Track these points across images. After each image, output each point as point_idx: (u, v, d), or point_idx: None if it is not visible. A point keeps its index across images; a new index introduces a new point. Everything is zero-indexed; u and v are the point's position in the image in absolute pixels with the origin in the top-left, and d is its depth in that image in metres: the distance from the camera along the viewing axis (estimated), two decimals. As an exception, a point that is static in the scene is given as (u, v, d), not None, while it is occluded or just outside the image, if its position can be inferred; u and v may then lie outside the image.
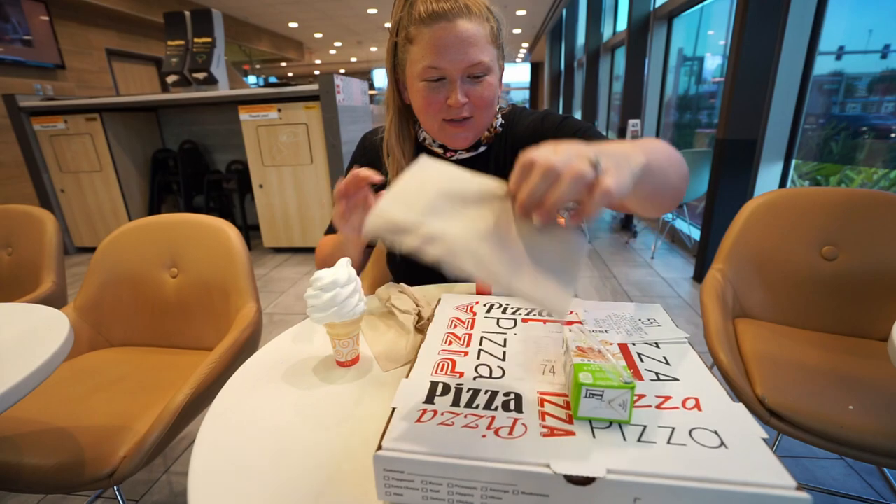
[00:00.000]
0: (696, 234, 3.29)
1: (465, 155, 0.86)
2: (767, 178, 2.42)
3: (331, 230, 0.90)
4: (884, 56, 2.54)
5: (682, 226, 3.51)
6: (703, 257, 2.69)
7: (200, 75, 3.23)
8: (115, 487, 0.88)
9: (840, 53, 2.49)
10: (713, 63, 4.13)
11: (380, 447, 0.37)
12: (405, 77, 0.79)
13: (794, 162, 2.40)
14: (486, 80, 0.75)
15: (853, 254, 1.15)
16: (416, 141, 0.89)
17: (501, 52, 0.79)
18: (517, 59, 16.27)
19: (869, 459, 0.87)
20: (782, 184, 2.44)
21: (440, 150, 0.86)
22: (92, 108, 3.18)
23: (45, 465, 0.83)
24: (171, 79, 3.30)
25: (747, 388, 0.96)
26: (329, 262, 0.83)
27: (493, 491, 0.35)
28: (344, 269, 0.55)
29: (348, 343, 0.57)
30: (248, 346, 1.07)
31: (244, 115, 3.08)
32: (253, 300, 1.17)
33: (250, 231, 3.70)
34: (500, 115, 0.87)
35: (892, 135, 2.34)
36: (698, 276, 2.72)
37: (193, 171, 3.57)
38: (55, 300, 1.41)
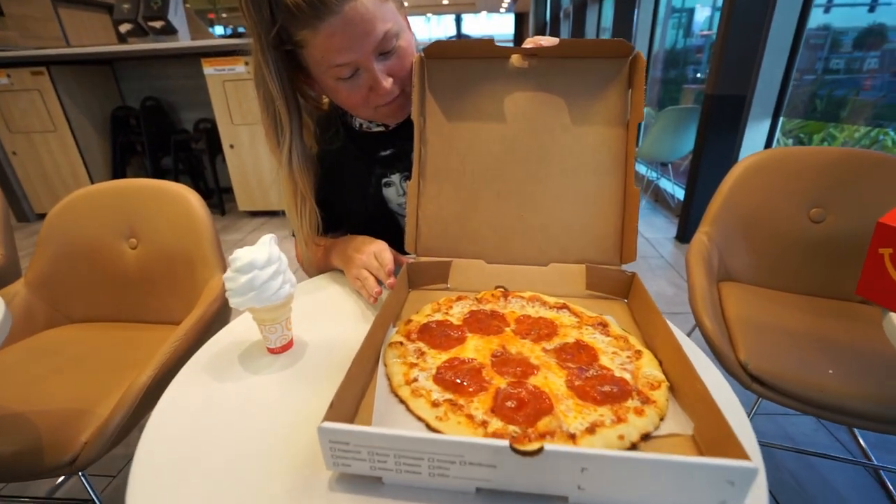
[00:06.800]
0: (679, 193, 3.27)
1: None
2: (754, 137, 2.38)
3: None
4: (871, 9, 2.46)
5: (667, 185, 3.49)
6: (686, 217, 2.68)
7: (157, 24, 2.96)
8: (81, 474, 0.84)
9: (829, 5, 2.40)
10: (702, 15, 3.98)
11: (325, 419, 0.35)
12: (306, 81, 0.71)
13: (781, 120, 2.35)
14: (400, 45, 0.66)
15: (841, 215, 1.13)
16: (353, 129, 0.82)
17: None
18: (501, 10, 15.55)
19: (845, 421, 0.88)
20: (769, 142, 2.41)
21: (382, 129, 0.80)
22: (37, 60, 2.90)
23: (3, 452, 0.78)
24: (123, 28, 3.02)
25: (730, 353, 0.95)
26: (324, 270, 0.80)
27: (440, 462, 0.35)
28: (264, 248, 0.49)
29: (275, 329, 0.52)
30: (217, 319, 1.01)
31: (209, 68, 2.86)
32: (220, 271, 1.10)
33: (224, 194, 3.53)
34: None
35: (874, 92, 2.31)
36: (681, 237, 2.72)
37: (158, 130, 3.34)
38: (6, 274, 1.31)
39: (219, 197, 3.49)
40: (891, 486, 1.12)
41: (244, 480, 0.38)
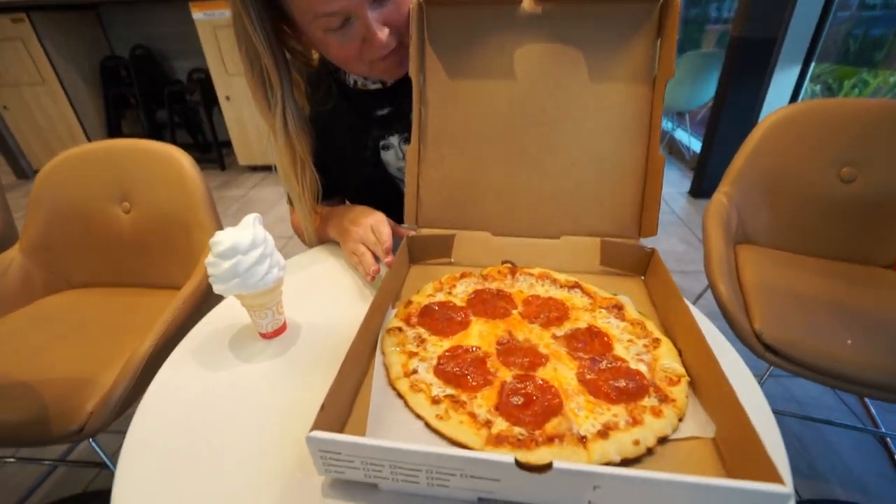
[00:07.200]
0: (695, 145, 3.13)
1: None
2: (781, 84, 2.22)
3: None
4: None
5: (682, 136, 3.33)
6: (701, 170, 2.57)
7: (139, -38, 2.74)
8: (91, 440, 0.86)
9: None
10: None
11: (314, 427, 0.33)
12: (293, 33, 0.63)
13: (812, 65, 2.18)
14: None
15: (874, 175, 1.06)
16: (347, 87, 0.73)
17: None
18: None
19: (860, 391, 0.86)
20: (796, 91, 2.25)
21: (378, 86, 0.71)
22: (16, 5, 2.73)
23: (10, 420, 0.79)
24: (104, -33, 2.80)
25: (745, 321, 0.92)
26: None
27: (439, 474, 0.32)
28: (248, 230, 0.45)
29: (266, 314, 0.49)
30: (216, 286, 0.98)
31: (197, 13, 2.68)
32: (217, 235, 1.06)
33: (223, 148, 3.43)
34: None
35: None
36: (695, 191, 2.62)
37: (150, 81, 3.20)
38: (2, 238, 1.28)
39: (217, 151, 3.40)
40: (895, 451, 1.13)
41: (234, 485, 0.36)
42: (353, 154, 0.76)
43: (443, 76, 0.60)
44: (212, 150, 3.43)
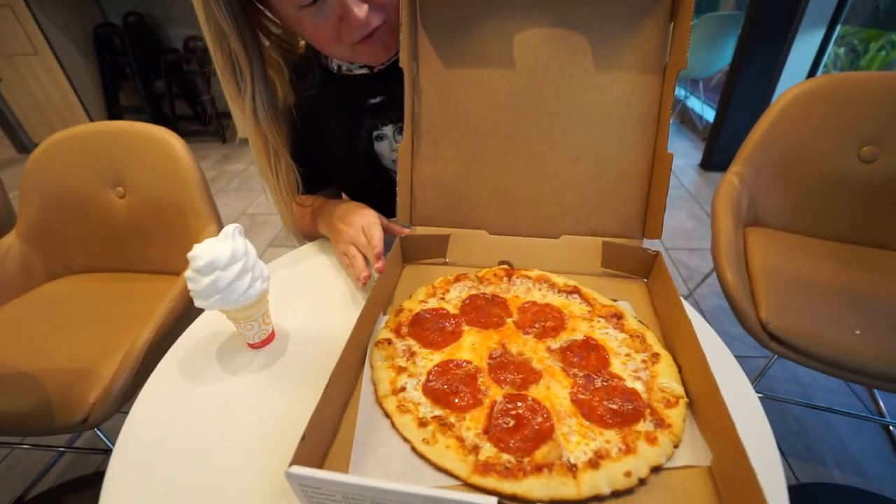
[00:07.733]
0: (709, 114, 3.01)
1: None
2: (803, 51, 2.09)
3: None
4: None
5: (695, 104, 3.20)
6: (714, 142, 2.48)
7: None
8: (97, 430, 0.87)
9: None
10: None
11: (294, 461, 0.32)
12: (269, 14, 0.57)
13: (837, 28, 2.04)
14: None
15: (896, 155, 1.00)
16: (332, 72, 0.68)
17: None
18: None
19: (868, 383, 0.84)
20: (818, 57, 2.12)
21: (365, 71, 0.66)
22: (2, -30, 2.63)
23: (16, 410, 0.80)
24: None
25: (751, 310, 0.90)
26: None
27: None
28: (227, 243, 0.42)
29: (252, 326, 0.47)
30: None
31: (189, -24, 2.56)
32: (213, 221, 1.05)
33: (223, 119, 3.37)
34: None
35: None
36: (706, 164, 2.54)
37: (145, 49, 3.10)
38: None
39: (218, 123, 3.34)
40: (897, 436, 1.12)
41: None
42: (345, 145, 0.72)
43: (437, 64, 0.56)
44: (212, 121, 3.37)
